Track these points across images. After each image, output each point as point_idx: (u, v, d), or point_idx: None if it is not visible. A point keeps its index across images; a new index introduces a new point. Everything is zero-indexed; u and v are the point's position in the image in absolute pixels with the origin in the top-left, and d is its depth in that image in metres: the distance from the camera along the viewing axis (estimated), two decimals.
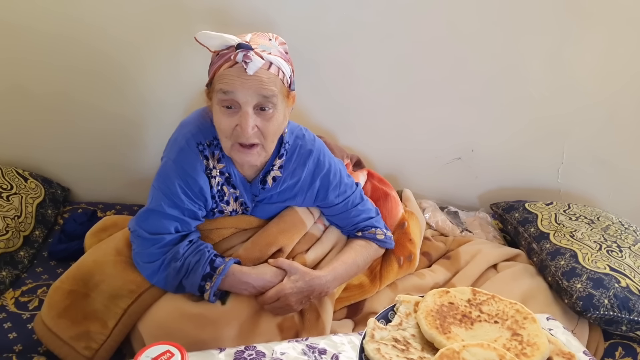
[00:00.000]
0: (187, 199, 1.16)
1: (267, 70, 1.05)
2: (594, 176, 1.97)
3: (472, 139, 1.90)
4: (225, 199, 1.23)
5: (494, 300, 0.97)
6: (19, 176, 1.66)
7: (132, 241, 1.20)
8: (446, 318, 0.92)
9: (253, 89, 1.04)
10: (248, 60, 1.02)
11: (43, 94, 1.69)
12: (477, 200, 2.03)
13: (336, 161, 1.33)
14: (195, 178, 1.16)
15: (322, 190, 1.29)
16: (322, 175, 1.28)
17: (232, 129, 1.08)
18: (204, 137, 1.17)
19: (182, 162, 1.15)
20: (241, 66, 1.03)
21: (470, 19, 1.66)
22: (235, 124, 1.07)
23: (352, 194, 1.34)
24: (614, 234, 1.56)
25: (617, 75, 1.78)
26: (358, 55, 1.71)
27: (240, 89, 1.04)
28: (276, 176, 1.24)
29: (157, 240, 1.15)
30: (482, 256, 1.54)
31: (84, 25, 1.58)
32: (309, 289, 1.17)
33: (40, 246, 1.57)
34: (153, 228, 1.15)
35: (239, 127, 1.06)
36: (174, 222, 1.16)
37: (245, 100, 1.05)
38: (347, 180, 1.34)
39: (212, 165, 1.19)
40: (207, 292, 1.12)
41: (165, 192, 1.15)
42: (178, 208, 1.16)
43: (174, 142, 1.19)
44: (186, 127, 1.19)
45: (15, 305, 1.33)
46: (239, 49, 1.03)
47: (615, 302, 1.29)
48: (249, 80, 1.04)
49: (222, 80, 1.05)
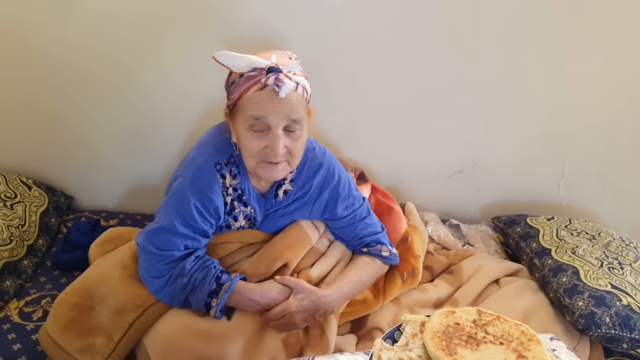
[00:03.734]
0: (201, 219, 1.17)
1: (295, 92, 1.06)
2: (595, 191, 1.98)
3: (475, 152, 1.91)
4: (233, 214, 1.24)
5: (499, 321, 0.98)
6: (22, 184, 1.66)
7: (139, 255, 1.20)
8: (452, 339, 0.92)
9: (285, 112, 1.06)
10: (280, 84, 1.03)
11: (46, 102, 1.70)
12: (478, 213, 2.04)
13: (345, 174, 1.34)
14: (212, 198, 1.16)
15: (331, 203, 1.30)
16: (332, 187, 1.29)
17: (261, 149, 1.09)
18: (221, 156, 1.18)
19: (199, 182, 1.16)
20: (272, 89, 1.04)
21: (474, 34, 1.68)
22: (264, 145, 1.09)
23: (360, 207, 1.35)
24: (615, 251, 1.57)
25: (619, 92, 1.79)
26: (361, 68, 1.72)
27: (272, 113, 1.05)
28: (287, 190, 1.25)
29: (165, 257, 1.15)
30: (485, 271, 1.55)
31: (87, 34, 1.59)
32: (315, 307, 1.18)
33: (44, 255, 1.57)
34: (162, 244, 1.15)
35: (269, 148, 1.08)
36: (184, 240, 1.16)
37: (276, 123, 1.06)
38: (355, 193, 1.35)
39: (228, 183, 1.20)
40: (213, 309, 1.13)
41: (180, 211, 1.15)
42: (190, 227, 1.16)
43: (191, 163, 1.19)
44: (203, 148, 1.20)
45: (19, 315, 1.33)
46: (270, 72, 1.04)
47: (616, 321, 1.30)
48: (281, 104, 1.05)
49: (253, 106, 1.06)
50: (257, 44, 1.61)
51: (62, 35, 1.59)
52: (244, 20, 1.60)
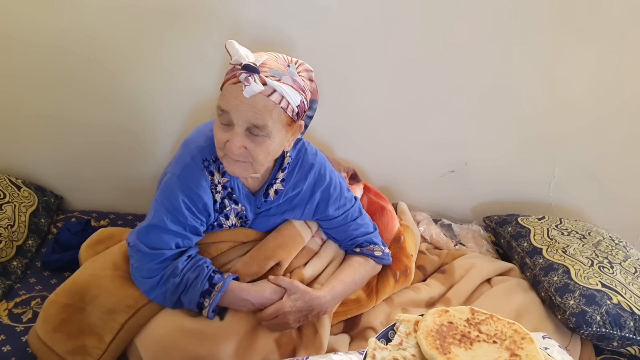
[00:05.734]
0: (191, 215, 1.16)
1: (266, 97, 1.02)
2: (584, 191, 2.00)
3: (466, 152, 1.92)
4: (224, 212, 1.23)
5: (492, 319, 0.98)
6: (12, 184, 1.64)
7: (130, 255, 1.19)
8: (446, 338, 0.92)
9: (245, 114, 1.03)
10: (247, 83, 1.00)
11: (36, 101, 1.68)
12: (470, 213, 2.05)
13: (337, 175, 1.33)
14: (200, 194, 1.16)
15: (322, 204, 1.30)
16: (323, 188, 1.28)
17: (225, 142, 1.07)
18: (209, 152, 1.17)
19: (187, 178, 1.15)
20: (240, 84, 1.01)
21: (466, 34, 1.69)
22: (227, 139, 1.06)
23: (352, 207, 1.34)
24: (605, 250, 1.59)
25: (610, 94, 1.81)
26: (355, 69, 1.72)
27: (235, 110, 1.03)
28: (278, 189, 1.24)
29: (156, 256, 1.14)
30: (476, 270, 1.56)
31: (76, 35, 1.57)
32: (308, 308, 1.18)
33: (33, 256, 1.55)
34: (153, 243, 1.14)
35: (229, 143, 1.06)
36: (175, 237, 1.15)
37: (236, 121, 1.04)
38: (347, 194, 1.34)
39: (217, 180, 1.19)
40: (206, 309, 1.12)
41: (169, 208, 1.15)
42: (180, 224, 1.15)
43: (178, 159, 1.18)
44: (192, 144, 1.19)
45: (9, 317, 1.31)
46: (244, 69, 1.02)
47: (607, 319, 1.32)
48: (244, 104, 1.02)
49: (222, 97, 1.05)
50: (249, 44, 1.60)
51: (51, 35, 1.57)
52: (238, 20, 1.60)
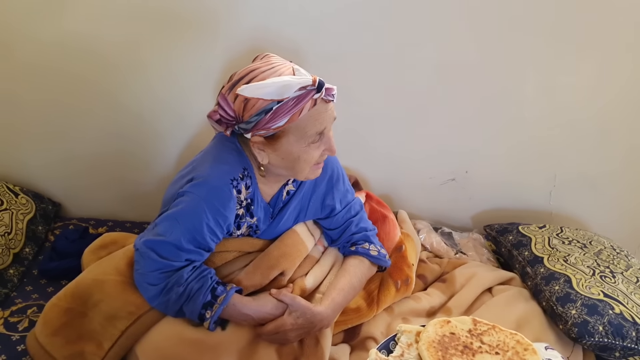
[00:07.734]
0: (210, 236, 1.15)
1: None
2: (585, 200, 2.00)
3: (467, 160, 1.92)
4: (238, 221, 1.22)
5: (494, 330, 0.97)
6: (9, 191, 1.63)
7: (136, 260, 1.16)
8: (448, 349, 0.92)
9: (331, 118, 1.13)
10: (332, 92, 1.09)
11: (34, 109, 1.67)
12: (470, 221, 2.04)
13: (339, 166, 1.37)
14: (227, 215, 1.15)
15: (328, 194, 1.33)
16: (327, 178, 1.32)
17: (320, 155, 1.15)
18: (236, 171, 1.17)
19: (213, 200, 1.13)
20: (321, 100, 1.07)
21: (465, 43, 1.68)
22: (322, 150, 1.14)
23: (353, 200, 1.38)
24: (606, 259, 1.58)
25: (610, 102, 1.81)
26: (355, 77, 1.72)
27: (329, 121, 1.12)
28: (290, 190, 1.28)
29: (165, 265, 1.12)
30: (477, 279, 1.55)
31: (76, 39, 1.57)
32: (310, 325, 1.17)
33: (30, 264, 1.54)
34: (166, 253, 1.12)
35: (327, 150, 1.15)
36: (187, 254, 1.13)
37: (329, 127, 1.13)
38: (348, 187, 1.39)
39: (243, 197, 1.19)
40: (207, 321, 1.11)
41: (189, 228, 1.12)
42: (197, 243, 1.13)
43: (204, 181, 1.13)
44: (217, 166, 1.16)
45: (4, 326, 1.29)
46: (321, 87, 1.05)
47: (609, 329, 1.30)
48: (331, 109, 1.11)
49: (314, 123, 1.09)
50: (246, 52, 1.61)
51: (50, 40, 1.57)
52: (239, 29, 1.60)
